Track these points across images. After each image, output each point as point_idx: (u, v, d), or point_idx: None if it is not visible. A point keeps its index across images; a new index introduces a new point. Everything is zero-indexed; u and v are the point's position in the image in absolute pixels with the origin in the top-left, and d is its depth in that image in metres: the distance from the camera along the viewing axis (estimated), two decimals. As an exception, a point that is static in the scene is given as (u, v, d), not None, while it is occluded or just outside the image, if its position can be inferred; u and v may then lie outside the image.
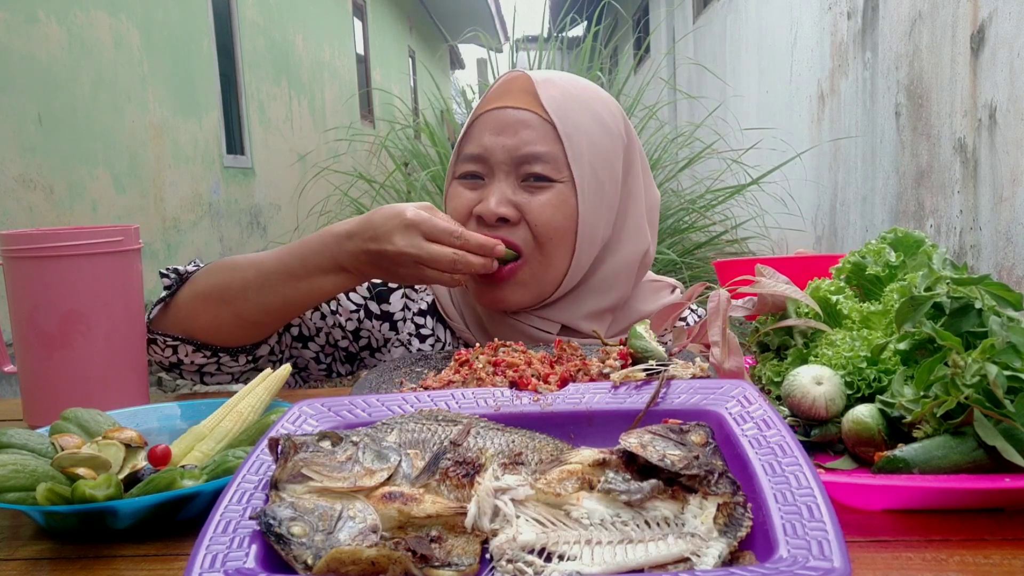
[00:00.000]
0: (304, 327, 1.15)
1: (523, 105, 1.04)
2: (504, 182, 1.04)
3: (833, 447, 0.69)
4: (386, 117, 6.14)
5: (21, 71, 4.06)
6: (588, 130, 1.05)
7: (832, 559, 0.44)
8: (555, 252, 1.04)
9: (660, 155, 3.85)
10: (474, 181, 1.06)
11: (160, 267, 1.13)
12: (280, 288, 1.00)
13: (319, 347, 1.16)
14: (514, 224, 1.03)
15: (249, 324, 1.04)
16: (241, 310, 1.02)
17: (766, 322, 0.82)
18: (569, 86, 1.08)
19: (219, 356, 1.08)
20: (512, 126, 1.04)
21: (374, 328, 1.16)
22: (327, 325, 1.15)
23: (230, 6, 6.84)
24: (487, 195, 1.03)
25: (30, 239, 0.93)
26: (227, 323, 1.04)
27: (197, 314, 1.04)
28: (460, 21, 15.38)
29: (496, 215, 1.02)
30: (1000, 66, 2.94)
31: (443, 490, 0.55)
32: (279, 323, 1.07)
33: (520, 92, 1.06)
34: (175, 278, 1.08)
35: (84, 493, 0.60)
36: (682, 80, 8.03)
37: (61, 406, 0.79)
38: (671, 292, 1.21)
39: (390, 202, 4.07)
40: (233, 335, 1.06)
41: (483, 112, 1.07)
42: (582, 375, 0.75)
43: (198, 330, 1.05)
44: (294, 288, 1.00)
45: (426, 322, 1.17)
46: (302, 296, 1.01)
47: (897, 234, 0.82)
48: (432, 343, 1.16)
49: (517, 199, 1.03)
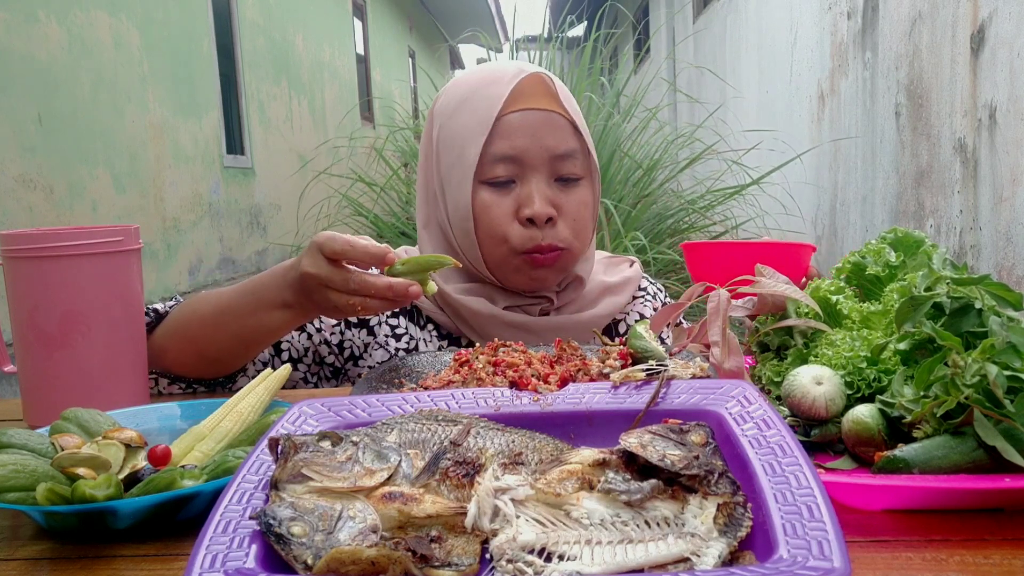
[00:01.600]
0: (293, 349, 1.16)
1: (547, 106, 1.10)
2: (541, 182, 1.09)
3: (833, 447, 0.69)
4: (386, 117, 6.15)
5: (21, 71, 4.06)
6: (584, 124, 1.14)
7: (832, 559, 0.44)
8: (584, 239, 1.14)
9: (660, 156, 3.86)
10: (504, 186, 1.09)
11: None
12: (231, 325, 1.00)
13: (306, 367, 1.18)
14: (554, 224, 1.10)
15: (211, 360, 1.05)
16: (201, 347, 1.04)
17: (766, 322, 0.82)
18: (560, 83, 1.14)
19: (195, 388, 1.09)
20: (544, 127, 1.09)
21: (355, 337, 1.18)
22: (314, 344, 1.17)
23: (230, 6, 6.84)
24: (528, 197, 1.08)
25: (30, 239, 0.93)
26: (191, 359, 1.05)
27: (165, 351, 1.06)
28: (460, 21, 15.38)
29: (547, 215, 1.08)
30: (1000, 66, 2.94)
31: (443, 490, 0.55)
32: (238, 359, 1.06)
33: (542, 93, 1.10)
34: (153, 316, 1.09)
35: (84, 493, 0.60)
36: (682, 81, 8.03)
37: (61, 406, 0.79)
38: (630, 266, 1.28)
39: (390, 203, 4.08)
40: (200, 370, 1.07)
41: (508, 113, 1.08)
42: (582, 375, 0.75)
43: (169, 365, 1.07)
44: (243, 325, 1.00)
45: (399, 322, 1.19)
46: (251, 332, 1.00)
47: (897, 234, 0.82)
48: (407, 341, 1.18)
49: (555, 198, 1.10)
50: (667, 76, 7.45)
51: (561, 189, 1.10)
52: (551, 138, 1.08)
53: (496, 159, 1.08)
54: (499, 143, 1.07)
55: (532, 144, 1.08)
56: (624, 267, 1.27)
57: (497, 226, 1.09)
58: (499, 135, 1.08)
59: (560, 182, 1.11)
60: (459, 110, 1.11)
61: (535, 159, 1.08)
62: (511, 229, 1.09)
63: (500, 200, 1.09)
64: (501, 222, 1.09)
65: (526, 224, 1.08)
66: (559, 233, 1.09)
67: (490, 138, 1.08)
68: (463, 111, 1.10)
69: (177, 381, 1.09)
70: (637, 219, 3.51)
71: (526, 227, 1.08)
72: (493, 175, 1.08)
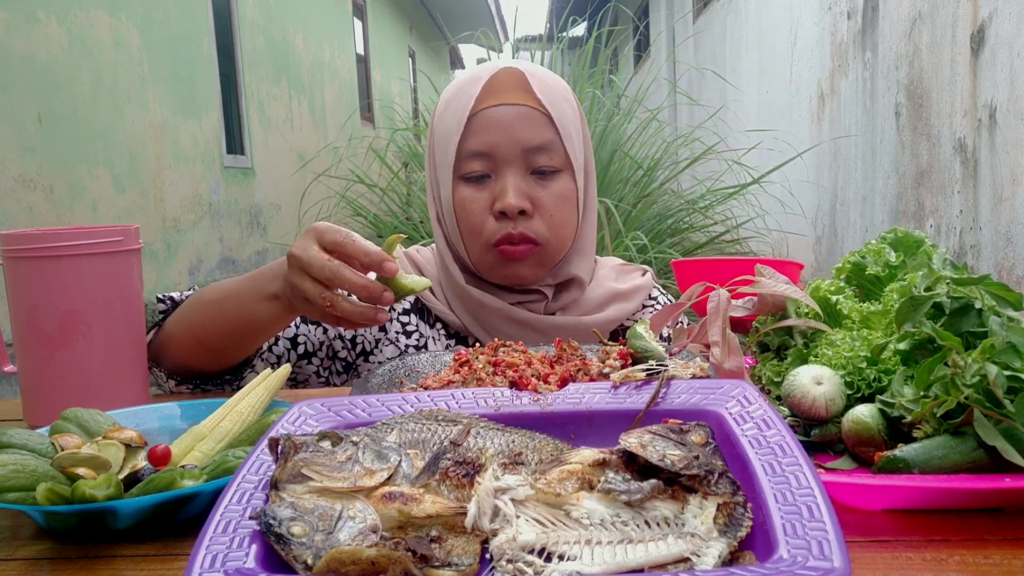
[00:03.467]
0: (309, 343, 1.16)
1: (520, 100, 1.09)
2: (515, 176, 1.09)
3: (833, 447, 0.69)
4: (387, 118, 6.14)
5: (21, 71, 4.06)
6: (569, 116, 1.13)
7: (832, 559, 0.44)
8: (564, 233, 1.13)
9: (661, 156, 3.86)
10: (480, 181, 1.10)
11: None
12: (231, 311, 0.99)
13: (320, 361, 1.18)
14: (529, 216, 1.09)
15: (209, 348, 1.04)
16: (200, 333, 1.03)
17: (766, 322, 0.82)
18: (545, 76, 1.14)
19: (204, 389, 1.09)
20: (516, 121, 1.08)
21: (367, 333, 1.19)
22: (328, 339, 1.18)
23: (230, 6, 6.84)
24: (502, 191, 1.08)
25: (30, 239, 0.93)
26: (192, 347, 1.04)
27: (172, 338, 1.06)
28: (460, 21, 15.38)
29: (518, 208, 1.08)
30: (1000, 66, 2.94)
31: (443, 490, 0.55)
32: (235, 350, 1.04)
33: (514, 87, 1.10)
34: (170, 304, 1.09)
35: (84, 493, 0.60)
36: (682, 81, 8.03)
37: (61, 406, 0.79)
38: (642, 275, 1.27)
39: (391, 203, 4.08)
40: (200, 360, 1.06)
41: (480, 110, 1.09)
42: (582, 375, 0.75)
43: (174, 354, 1.06)
44: (239, 313, 0.98)
45: (410, 319, 1.20)
46: (245, 321, 0.98)
47: (897, 234, 0.82)
48: (417, 339, 1.19)
49: (530, 191, 1.09)
50: (667, 76, 7.46)
51: (537, 182, 1.10)
52: (524, 131, 1.08)
53: (470, 155, 1.10)
54: (472, 139, 1.09)
55: (504, 138, 1.08)
56: (636, 275, 1.27)
57: (475, 221, 1.11)
58: (472, 131, 1.09)
59: (537, 175, 1.10)
60: (445, 110, 1.14)
61: (507, 153, 1.08)
62: (486, 223, 1.10)
63: (477, 195, 1.10)
64: (478, 217, 1.10)
65: (499, 217, 1.09)
66: (533, 226, 1.09)
67: (465, 135, 1.09)
68: (447, 110, 1.13)
69: (185, 382, 1.08)
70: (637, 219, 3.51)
71: (499, 220, 1.09)
72: (469, 170, 1.10)
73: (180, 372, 1.08)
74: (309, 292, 0.85)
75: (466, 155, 1.10)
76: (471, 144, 1.09)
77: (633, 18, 7.03)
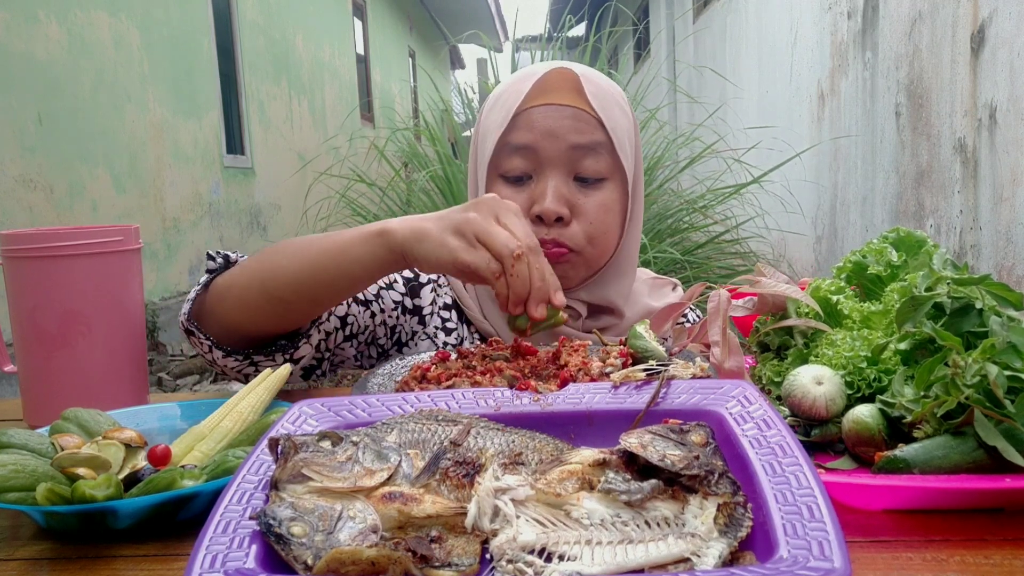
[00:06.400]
0: (356, 324, 1.12)
1: (570, 102, 1.05)
2: (557, 179, 1.05)
3: (833, 447, 0.69)
4: (387, 118, 6.14)
5: (21, 71, 4.06)
6: (622, 123, 1.08)
7: (832, 559, 0.44)
8: (603, 244, 1.08)
9: (661, 155, 3.86)
10: (520, 182, 1.07)
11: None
12: (313, 253, 0.93)
13: (359, 344, 1.14)
14: (566, 223, 1.05)
15: (274, 298, 0.95)
16: (269, 284, 0.95)
17: (766, 322, 0.82)
18: (599, 79, 1.09)
19: (252, 360, 1.02)
20: (563, 121, 1.05)
21: (406, 323, 1.16)
22: (374, 324, 1.14)
23: (230, 6, 6.84)
24: (541, 193, 1.04)
25: (30, 239, 0.93)
26: (253, 296, 0.96)
27: (230, 288, 0.98)
28: (460, 21, 15.37)
29: (556, 214, 1.03)
30: (1000, 66, 2.94)
31: (443, 490, 0.55)
32: (305, 302, 0.96)
33: (565, 88, 1.06)
34: (221, 262, 1.02)
35: (84, 493, 0.60)
36: (682, 80, 8.03)
37: (61, 406, 0.79)
38: (672, 289, 1.24)
39: (391, 203, 4.08)
40: (263, 318, 0.98)
41: (529, 107, 1.06)
42: (582, 375, 0.75)
43: (229, 306, 0.98)
44: (326, 253, 0.92)
45: (451, 316, 1.17)
46: (334, 262, 0.92)
47: (899, 234, 0.82)
48: (456, 337, 1.16)
49: (572, 197, 1.05)
50: (667, 76, 7.46)
51: (580, 188, 1.06)
52: (571, 132, 1.04)
53: (512, 150, 1.06)
54: (515, 135, 1.06)
55: (549, 137, 1.04)
56: (667, 290, 1.23)
57: None
58: (517, 128, 1.06)
59: (580, 182, 1.06)
60: (492, 106, 1.11)
61: (551, 153, 1.05)
62: None
63: (514, 195, 1.06)
64: None
65: (536, 222, 1.04)
66: (569, 233, 1.05)
67: (508, 130, 1.06)
68: (495, 107, 1.10)
69: (234, 353, 1.00)
70: (637, 219, 3.50)
71: (535, 224, 1.04)
72: (510, 167, 1.06)
73: (230, 334, 1.00)
74: (495, 234, 0.82)
75: (507, 151, 1.06)
76: (513, 139, 1.06)
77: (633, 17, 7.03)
